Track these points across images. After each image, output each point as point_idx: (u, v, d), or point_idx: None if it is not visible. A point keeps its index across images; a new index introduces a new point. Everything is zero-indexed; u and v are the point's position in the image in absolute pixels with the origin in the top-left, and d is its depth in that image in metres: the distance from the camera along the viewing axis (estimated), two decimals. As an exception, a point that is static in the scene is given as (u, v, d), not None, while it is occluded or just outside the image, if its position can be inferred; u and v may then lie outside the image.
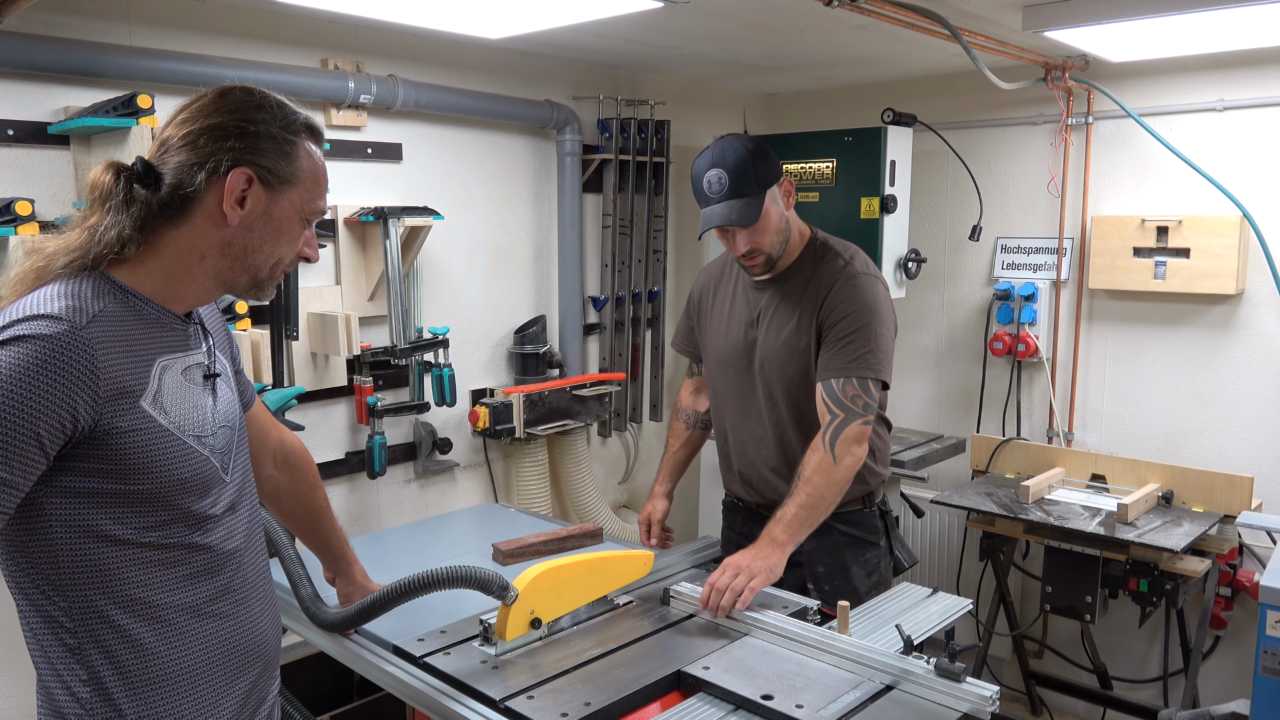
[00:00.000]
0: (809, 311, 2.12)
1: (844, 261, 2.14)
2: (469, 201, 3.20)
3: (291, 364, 2.75)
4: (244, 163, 1.23)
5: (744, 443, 2.28)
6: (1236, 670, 3.21)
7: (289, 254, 1.34)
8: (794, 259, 2.18)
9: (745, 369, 2.23)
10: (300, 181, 1.29)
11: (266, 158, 1.25)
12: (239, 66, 2.53)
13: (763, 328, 2.20)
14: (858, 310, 2.06)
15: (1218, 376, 3.22)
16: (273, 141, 1.26)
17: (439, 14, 2.50)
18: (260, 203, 1.26)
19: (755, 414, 2.24)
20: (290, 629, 2.04)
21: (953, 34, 2.50)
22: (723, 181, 2.06)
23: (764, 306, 2.20)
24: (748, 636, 1.81)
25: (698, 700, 1.61)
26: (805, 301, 2.14)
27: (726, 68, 3.53)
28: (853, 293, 2.08)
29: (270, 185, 1.26)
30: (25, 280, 1.22)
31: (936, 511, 3.62)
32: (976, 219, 3.49)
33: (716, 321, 2.31)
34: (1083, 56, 3.18)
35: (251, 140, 1.24)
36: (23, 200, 2.11)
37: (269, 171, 1.25)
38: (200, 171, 1.22)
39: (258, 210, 1.26)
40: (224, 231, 1.25)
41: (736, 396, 2.27)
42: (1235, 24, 2.59)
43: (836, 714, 1.51)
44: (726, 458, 2.36)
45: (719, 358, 2.29)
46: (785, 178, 2.13)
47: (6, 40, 2.15)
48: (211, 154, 1.22)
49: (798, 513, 1.96)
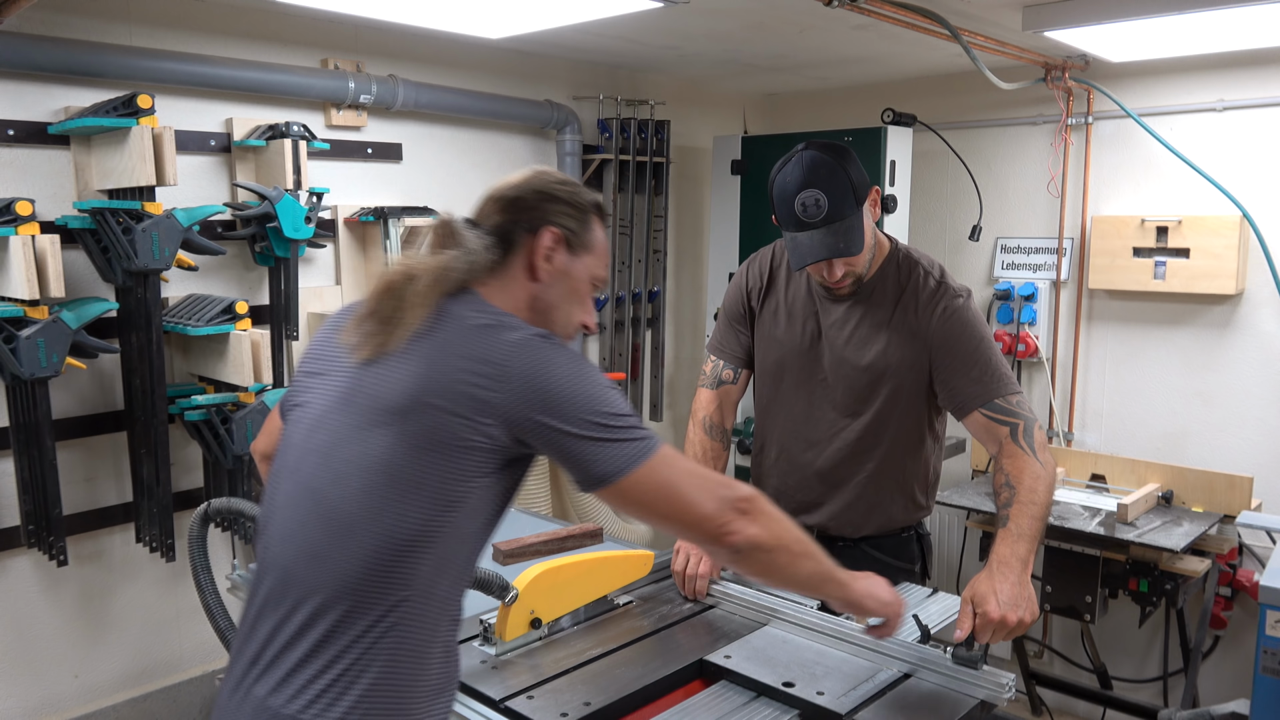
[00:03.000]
0: (904, 332, 1.97)
1: (936, 281, 1.99)
2: (469, 201, 3.17)
3: (291, 364, 2.75)
4: (553, 224, 1.37)
5: (792, 459, 2.13)
6: (1236, 670, 3.21)
7: (579, 317, 1.43)
8: (874, 271, 2.00)
9: (804, 382, 2.07)
10: (594, 250, 1.43)
11: (571, 223, 1.39)
12: (239, 66, 2.53)
13: (837, 341, 2.03)
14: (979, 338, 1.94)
15: (1218, 376, 3.22)
16: (574, 210, 1.40)
17: (439, 14, 2.50)
18: (563, 262, 1.38)
19: (808, 430, 2.09)
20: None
21: (953, 34, 2.50)
22: (820, 204, 1.83)
23: (839, 319, 2.03)
24: (767, 626, 1.83)
25: (720, 687, 1.63)
26: (898, 321, 1.98)
27: (726, 68, 3.53)
28: (968, 318, 1.95)
29: (572, 248, 1.39)
30: (430, 296, 1.28)
31: (936, 511, 3.61)
32: (976, 219, 3.49)
33: (769, 325, 2.13)
34: (1083, 56, 3.18)
35: (558, 207, 1.39)
36: (23, 200, 2.11)
37: (573, 234, 1.39)
38: (517, 230, 1.36)
39: (560, 269, 1.38)
40: (533, 287, 1.37)
41: (786, 409, 2.11)
42: (1235, 24, 2.59)
43: (857, 700, 1.54)
44: (762, 465, 2.22)
45: (772, 366, 2.12)
46: (873, 186, 1.92)
47: (6, 40, 2.15)
48: (527, 216, 1.37)
49: (1033, 525, 1.73)
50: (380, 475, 1.19)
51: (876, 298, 2.01)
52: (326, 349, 1.35)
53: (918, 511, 2.15)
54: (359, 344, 1.27)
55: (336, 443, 1.24)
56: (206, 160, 2.57)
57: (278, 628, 1.22)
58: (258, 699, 1.21)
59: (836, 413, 2.05)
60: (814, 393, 2.07)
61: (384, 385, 1.22)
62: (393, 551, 1.19)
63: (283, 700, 1.19)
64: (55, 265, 2.13)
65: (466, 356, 1.21)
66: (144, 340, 2.32)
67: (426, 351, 1.22)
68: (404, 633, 1.21)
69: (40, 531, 2.28)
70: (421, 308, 1.25)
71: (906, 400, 2.01)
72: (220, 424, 2.42)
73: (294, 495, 1.27)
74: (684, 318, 4.13)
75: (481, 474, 1.21)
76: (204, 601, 1.82)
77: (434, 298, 1.27)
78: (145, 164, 2.20)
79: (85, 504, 2.45)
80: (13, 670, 2.39)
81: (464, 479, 1.20)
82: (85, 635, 2.50)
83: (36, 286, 2.11)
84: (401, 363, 1.22)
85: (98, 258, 2.32)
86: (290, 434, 1.34)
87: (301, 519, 1.25)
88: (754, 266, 2.20)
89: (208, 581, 1.83)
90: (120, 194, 2.28)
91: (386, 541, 1.19)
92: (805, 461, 2.09)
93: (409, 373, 1.21)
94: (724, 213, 3.69)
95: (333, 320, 1.42)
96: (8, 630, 2.36)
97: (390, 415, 1.20)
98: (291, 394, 1.40)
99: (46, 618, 2.43)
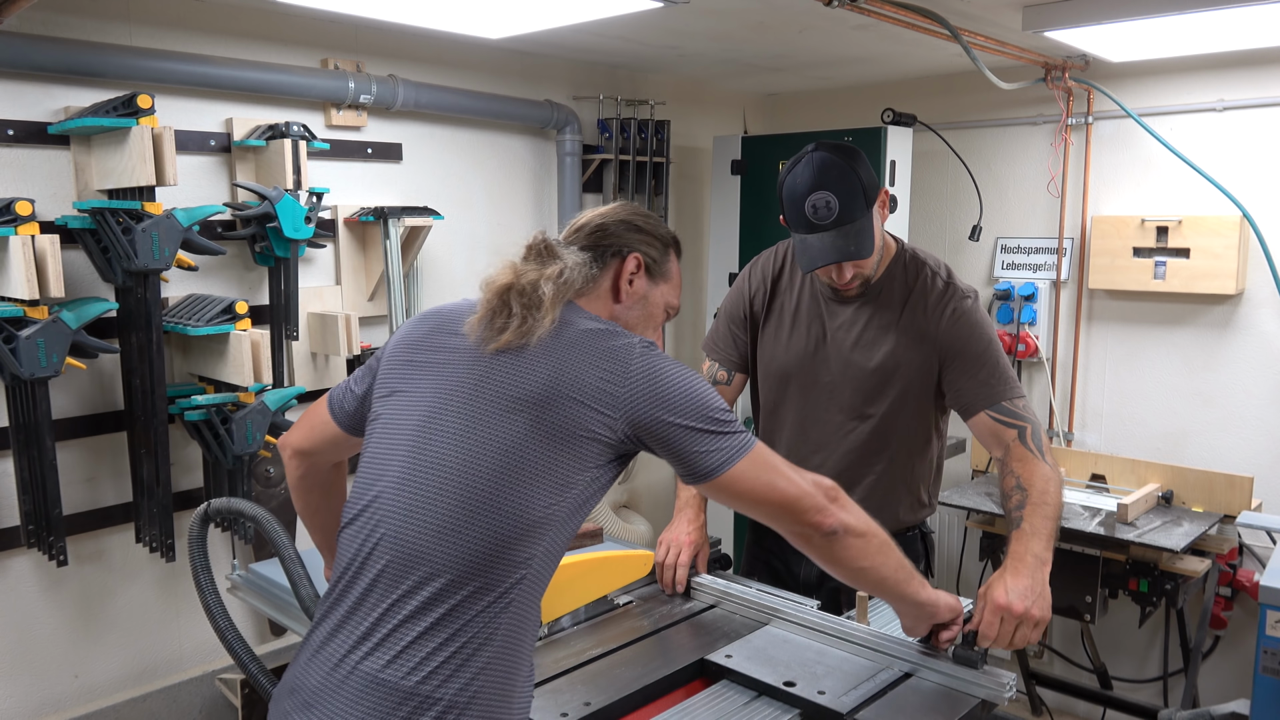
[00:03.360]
0: (912, 334, 1.98)
1: (945, 282, 1.99)
2: (469, 201, 3.20)
3: (291, 364, 2.75)
4: (637, 250, 1.49)
5: (800, 459, 2.07)
6: (1236, 670, 3.21)
7: (650, 339, 1.49)
8: (881, 272, 2.01)
9: (811, 385, 2.07)
10: (670, 279, 1.55)
11: (653, 251, 1.51)
12: (239, 66, 2.53)
13: (845, 343, 2.03)
14: (988, 339, 1.96)
15: (1218, 376, 3.22)
16: (656, 240, 1.53)
17: (439, 14, 2.50)
18: (643, 287, 1.50)
19: (817, 433, 2.09)
20: (290, 629, 2.05)
21: (953, 34, 2.50)
22: (831, 207, 1.82)
23: (846, 321, 2.03)
24: (768, 626, 1.83)
25: (721, 687, 1.63)
26: (906, 323, 1.98)
27: (726, 68, 3.53)
28: (977, 319, 1.96)
29: (652, 275, 1.51)
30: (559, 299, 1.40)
31: (936, 511, 3.61)
32: (976, 219, 3.49)
33: (774, 330, 2.12)
34: (1083, 56, 3.18)
35: (642, 236, 1.51)
36: (23, 200, 2.11)
37: (654, 262, 1.51)
38: (605, 253, 1.48)
39: (640, 293, 1.50)
40: (614, 307, 1.48)
41: (795, 413, 2.11)
42: (1235, 24, 2.59)
43: (858, 700, 1.54)
44: None
45: (778, 371, 2.12)
46: (882, 187, 1.93)
47: (6, 40, 2.15)
48: (614, 241, 1.49)
49: (1046, 525, 1.73)
50: (513, 458, 1.28)
51: (884, 299, 2.00)
52: (435, 340, 1.44)
53: (922, 511, 2.16)
54: (487, 338, 1.36)
55: (469, 426, 1.32)
56: (206, 160, 2.57)
57: (397, 602, 1.28)
58: (369, 673, 1.25)
59: (844, 415, 2.05)
60: (821, 396, 2.07)
61: (518, 376, 1.32)
62: (519, 531, 1.28)
63: (401, 673, 1.24)
64: (55, 265, 2.13)
65: (593, 354, 1.33)
66: (144, 340, 2.32)
67: (556, 348, 1.33)
68: (518, 611, 1.30)
69: (40, 531, 2.28)
70: (553, 308, 1.36)
71: (914, 401, 2.01)
72: (220, 424, 2.42)
73: (417, 473, 1.33)
74: (684, 318, 4.13)
75: (596, 465, 1.32)
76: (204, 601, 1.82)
77: (560, 301, 1.39)
78: (145, 164, 2.20)
79: (85, 504, 2.45)
80: (13, 670, 2.39)
81: (582, 468, 1.31)
82: (85, 635, 2.50)
83: (36, 286, 2.11)
84: (535, 357, 1.33)
85: (98, 258, 2.32)
86: (396, 417, 1.40)
87: (429, 496, 1.30)
88: (757, 270, 2.19)
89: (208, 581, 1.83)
90: (120, 194, 2.28)
91: (515, 522, 1.28)
92: (813, 465, 2.05)
93: (542, 366, 1.32)
94: (724, 213, 3.69)
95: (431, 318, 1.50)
96: (8, 630, 2.36)
97: (524, 404, 1.30)
98: (384, 382, 1.46)
99: (46, 618, 2.43)
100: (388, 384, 1.46)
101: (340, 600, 1.34)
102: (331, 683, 1.28)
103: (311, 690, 1.30)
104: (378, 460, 1.39)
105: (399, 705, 1.23)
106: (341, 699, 1.26)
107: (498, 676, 1.28)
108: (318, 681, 1.30)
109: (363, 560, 1.33)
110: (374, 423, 1.44)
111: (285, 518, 2.77)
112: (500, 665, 1.28)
